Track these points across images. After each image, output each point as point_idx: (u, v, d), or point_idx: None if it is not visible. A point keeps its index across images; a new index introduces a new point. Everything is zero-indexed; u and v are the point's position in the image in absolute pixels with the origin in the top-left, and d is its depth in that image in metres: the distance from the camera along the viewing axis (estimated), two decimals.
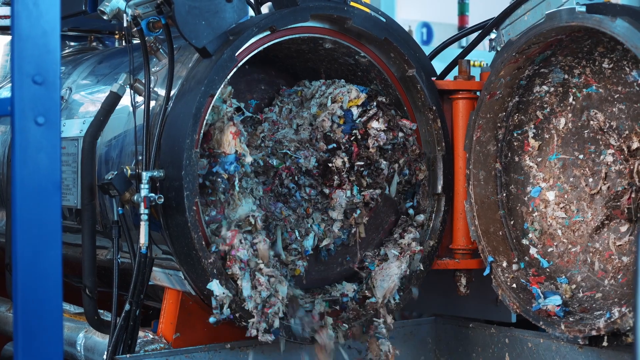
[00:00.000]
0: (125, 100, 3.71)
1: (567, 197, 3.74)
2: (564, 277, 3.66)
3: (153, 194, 3.39)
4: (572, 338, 3.43)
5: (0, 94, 4.89)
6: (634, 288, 2.75)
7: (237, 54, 3.44)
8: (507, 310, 3.81)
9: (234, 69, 3.45)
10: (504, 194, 3.85)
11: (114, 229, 3.59)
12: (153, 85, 3.64)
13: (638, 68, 3.42)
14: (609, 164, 3.59)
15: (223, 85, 3.44)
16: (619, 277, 3.50)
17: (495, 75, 3.69)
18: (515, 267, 3.75)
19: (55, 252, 2.52)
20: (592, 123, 3.63)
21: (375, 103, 3.82)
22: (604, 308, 3.43)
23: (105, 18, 3.57)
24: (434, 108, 3.85)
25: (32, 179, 2.50)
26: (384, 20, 3.75)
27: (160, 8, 3.45)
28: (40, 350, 2.50)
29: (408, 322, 4.13)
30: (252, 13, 3.92)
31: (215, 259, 3.38)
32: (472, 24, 4.74)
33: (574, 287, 3.62)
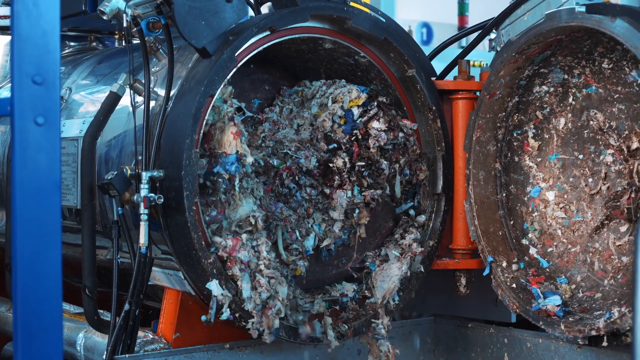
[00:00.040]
0: (125, 101, 3.71)
1: (566, 197, 3.74)
2: (564, 277, 3.66)
3: (153, 194, 3.39)
4: (571, 338, 3.43)
5: (0, 94, 4.89)
6: (634, 288, 2.75)
7: (236, 54, 3.44)
8: (506, 310, 3.81)
9: (234, 69, 3.45)
10: (504, 194, 3.85)
11: (114, 229, 3.59)
12: (153, 86, 3.64)
13: (638, 68, 3.42)
14: (609, 164, 3.59)
15: (223, 85, 3.44)
16: (619, 277, 3.50)
17: (495, 76, 3.69)
18: (515, 267, 3.75)
19: (55, 252, 2.52)
20: (591, 123, 3.63)
21: (376, 103, 3.82)
22: (604, 308, 3.43)
23: (105, 18, 3.57)
24: (434, 108, 3.85)
25: (31, 179, 2.49)
26: (384, 21, 3.75)
27: (160, 8, 3.45)
28: (40, 350, 2.50)
29: (407, 322, 4.13)
30: (251, 13, 3.92)
31: (215, 259, 3.38)
32: (472, 24, 4.74)
33: (574, 287, 3.62)
